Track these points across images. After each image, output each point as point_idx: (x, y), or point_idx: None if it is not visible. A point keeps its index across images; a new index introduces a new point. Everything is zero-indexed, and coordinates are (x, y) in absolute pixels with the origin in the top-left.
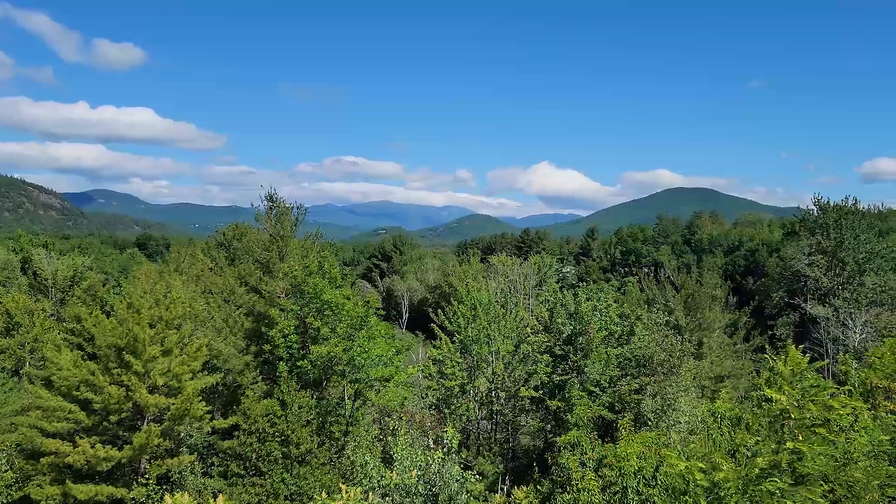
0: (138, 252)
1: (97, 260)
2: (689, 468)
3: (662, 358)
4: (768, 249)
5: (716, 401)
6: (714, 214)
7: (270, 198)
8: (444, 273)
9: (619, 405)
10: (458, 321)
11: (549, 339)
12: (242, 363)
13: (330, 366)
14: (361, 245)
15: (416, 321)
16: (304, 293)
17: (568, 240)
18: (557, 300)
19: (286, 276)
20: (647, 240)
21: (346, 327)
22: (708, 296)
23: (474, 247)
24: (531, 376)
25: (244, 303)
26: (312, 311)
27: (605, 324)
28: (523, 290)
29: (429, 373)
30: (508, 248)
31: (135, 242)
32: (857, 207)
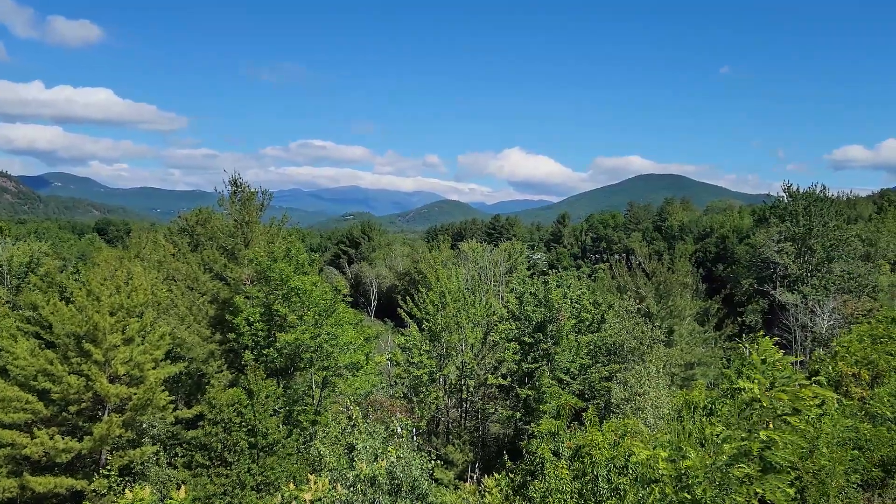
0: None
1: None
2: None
3: (633, 345)
4: (738, 236)
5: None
6: (685, 201)
7: (235, 182)
8: (414, 260)
9: (589, 393)
10: (428, 309)
11: (518, 326)
12: (207, 352)
13: (297, 354)
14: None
15: (385, 309)
16: (269, 280)
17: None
18: (526, 288)
19: (251, 262)
20: (619, 226)
21: (314, 314)
22: (679, 283)
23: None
24: (501, 364)
25: (208, 290)
26: (279, 298)
27: (575, 311)
28: (493, 277)
29: (397, 360)
30: (479, 234)
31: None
32: (825, 194)
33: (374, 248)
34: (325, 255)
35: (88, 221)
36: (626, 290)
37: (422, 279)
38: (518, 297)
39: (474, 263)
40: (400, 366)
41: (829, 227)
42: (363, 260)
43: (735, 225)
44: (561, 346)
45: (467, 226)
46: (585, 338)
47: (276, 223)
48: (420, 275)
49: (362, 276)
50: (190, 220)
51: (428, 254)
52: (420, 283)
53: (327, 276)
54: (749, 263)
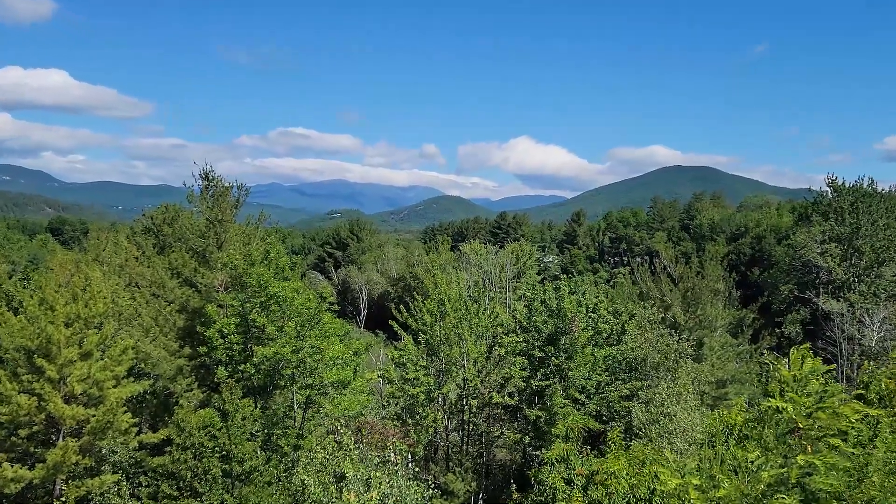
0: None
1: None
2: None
3: (657, 360)
4: (776, 236)
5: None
6: (716, 196)
7: (206, 175)
8: (409, 263)
9: (607, 414)
10: (424, 319)
11: (527, 339)
12: (175, 368)
13: (277, 370)
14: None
15: (377, 318)
16: (246, 286)
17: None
18: (536, 295)
19: (225, 266)
20: (641, 225)
21: (296, 325)
22: (709, 289)
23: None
24: (507, 382)
25: (176, 298)
26: (256, 306)
27: (592, 322)
28: (499, 282)
29: (390, 377)
30: (482, 234)
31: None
32: (875, 189)
33: (364, 251)
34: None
35: (41, 220)
36: (650, 297)
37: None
38: (527, 306)
39: (477, 267)
40: (393, 383)
41: (878, 226)
42: (351, 263)
43: (772, 223)
44: (575, 361)
45: (469, 225)
46: (603, 351)
47: (254, 222)
48: (416, 280)
49: (350, 281)
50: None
51: (425, 256)
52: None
53: (311, 281)
54: (788, 267)
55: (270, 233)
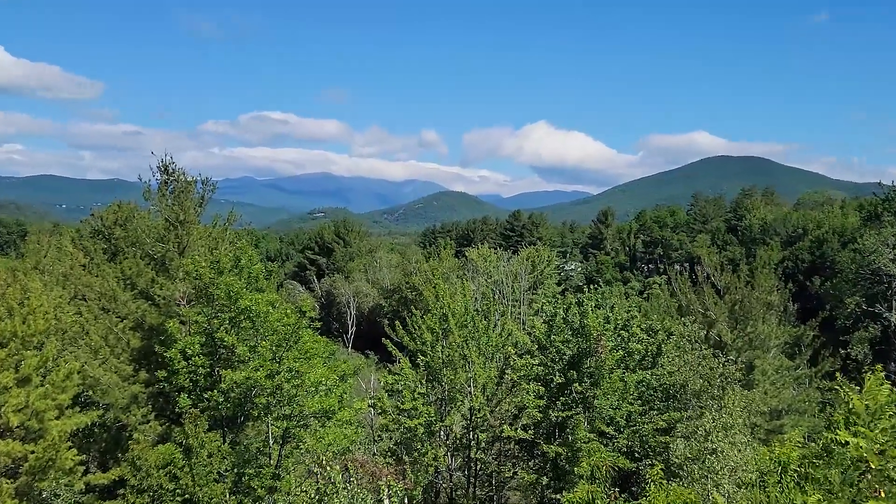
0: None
1: None
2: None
3: (699, 387)
4: (841, 240)
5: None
6: (768, 192)
7: (165, 168)
8: (405, 272)
9: (640, 450)
10: (424, 337)
11: (545, 361)
12: (128, 395)
13: (249, 398)
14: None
15: (367, 337)
16: (212, 299)
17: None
18: (558, 309)
19: (188, 275)
20: (679, 226)
21: (272, 345)
22: (761, 302)
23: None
24: (522, 412)
25: (130, 313)
26: (225, 322)
27: (622, 341)
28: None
29: (383, 407)
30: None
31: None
32: None
33: (352, 257)
34: (287, 266)
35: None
36: (690, 312)
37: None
38: (547, 322)
39: (486, 276)
40: (387, 414)
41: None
42: (337, 272)
43: (836, 224)
44: (602, 388)
45: (477, 226)
46: (635, 376)
47: (222, 223)
48: (414, 292)
49: (336, 293)
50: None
51: (424, 264)
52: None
53: (289, 293)
54: (855, 276)
55: (242, 236)
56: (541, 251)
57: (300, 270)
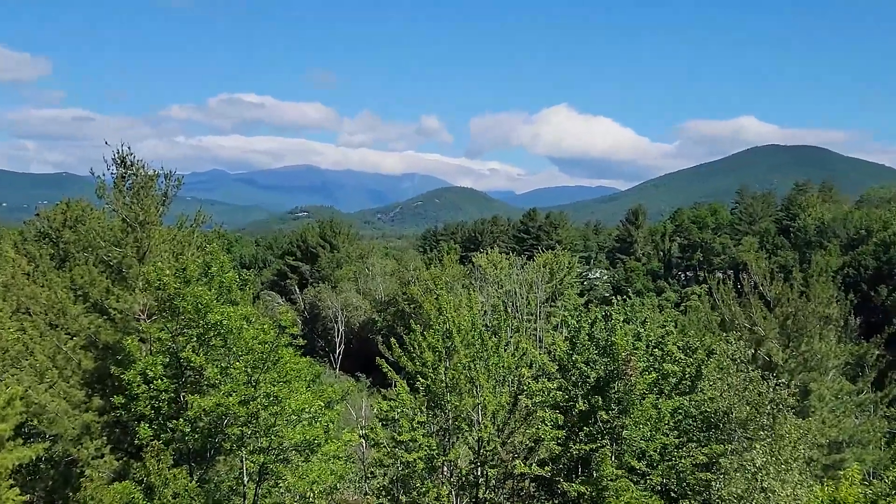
0: None
1: None
2: None
3: (746, 415)
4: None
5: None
6: (827, 187)
7: (122, 160)
8: (402, 280)
9: (676, 489)
10: (424, 357)
11: (565, 385)
12: (80, 425)
13: (220, 428)
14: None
15: (357, 357)
16: (178, 312)
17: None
18: (581, 324)
19: (149, 285)
20: (722, 227)
21: (246, 366)
22: (817, 316)
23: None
24: (538, 445)
25: (82, 329)
26: (192, 340)
27: (655, 361)
28: (527, 307)
29: (376, 438)
30: (504, 240)
31: None
32: None
33: (340, 263)
34: (265, 274)
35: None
36: (735, 327)
37: (415, 311)
38: (569, 339)
39: (497, 286)
40: (381, 446)
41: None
42: (323, 281)
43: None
44: (632, 416)
45: (486, 227)
46: (670, 403)
47: (188, 224)
48: (412, 304)
49: (321, 306)
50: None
51: (424, 271)
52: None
53: (267, 305)
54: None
55: (212, 239)
56: (560, 257)
57: (279, 279)
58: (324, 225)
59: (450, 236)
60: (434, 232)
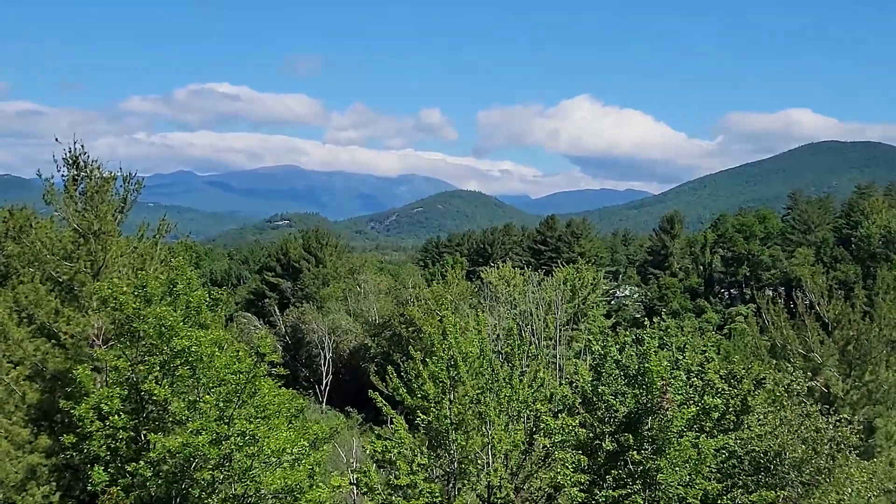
0: None
1: None
2: None
3: (801, 455)
4: None
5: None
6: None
7: (75, 161)
8: (400, 300)
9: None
10: (426, 390)
11: (590, 420)
12: (24, 468)
13: (188, 472)
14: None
15: (348, 389)
16: (138, 337)
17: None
18: (608, 350)
19: (105, 305)
20: (772, 236)
21: (218, 399)
22: (884, 341)
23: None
24: (558, 491)
25: (27, 356)
26: (154, 369)
27: (694, 393)
28: (544, 330)
29: (370, 484)
30: (518, 252)
31: None
32: None
33: (327, 280)
34: (239, 292)
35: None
36: (788, 353)
37: (414, 336)
38: (594, 368)
39: (510, 306)
40: (375, 493)
41: None
42: (307, 300)
43: None
44: (668, 457)
45: (497, 237)
46: (713, 442)
47: (151, 234)
48: (410, 328)
49: (305, 329)
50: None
51: (425, 289)
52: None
53: (242, 329)
54: None
55: (178, 251)
56: (583, 272)
57: (257, 298)
58: (308, 235)
59: (455, 248)
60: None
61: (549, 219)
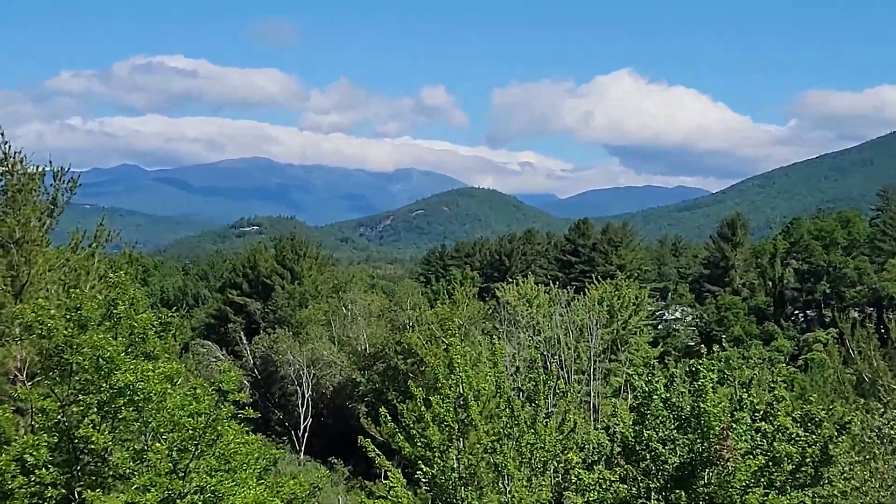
0: None
1: None
2: None
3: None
4: None
5: None
6: None
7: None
8: (396, 325)
9: None
10: (428, 436)
11: (633, 474)
12: None
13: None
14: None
15: (331, 434)
16: (71, 371)
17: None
18: (654, 386)
19: (30, 331)
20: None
21: (171, 448)
22: None
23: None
24: None
25: None
26: (91, 411)
27: (762, 440)
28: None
29: None
30: (542, 264)
31: None
32: None
33: (305, 300)
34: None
35: None
36: (879, 390)
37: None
38: (637, 408)
39: (532, 331)
40: None
41: None
42: (280, 325)
43: None
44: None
45: (515, 246)
46: (785, 499)
47: (87, 244)
48: (409, 360)
49: (279, 360)
50: None
51: (427, 310)
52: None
53: (201, 361)
54: None
55: (120, 265)
56: (624, 289)
57: (219, 322)
58: (282, 244)
59: (464, 260)
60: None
61: (581, 223)
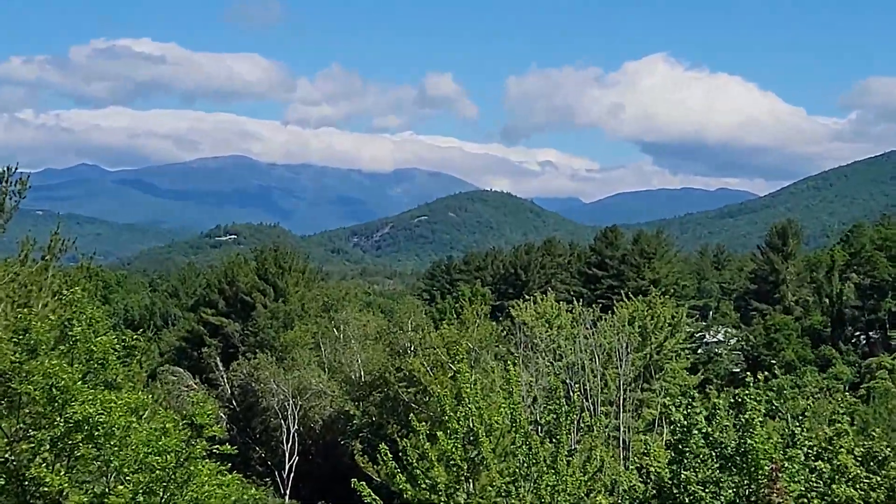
0: None
1: None
2: None
3: None
4: None
5: None
6: None
7: None
8: (395, 348)
9: None
10: (433, 476)
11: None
12: None
13: None
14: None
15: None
16: (19, 403)
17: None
18: (695, 418)
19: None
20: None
21: (137, 490)
22: None
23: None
24: None
25: None
26: (43, 448)
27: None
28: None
29: None
30: (563, 279)
31: None
32: None
33: (291, 320)
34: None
35: None
36: None
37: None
38: (674, 445)
39: (552, 355)
40: None
41: None
42: (262, 349)
43: None
44: None
45: (534, 258)
46: None
47: (38, 256)
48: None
49: (261, 391)
50: None
51: (432, 332)
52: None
53: (171, 390)
54: None
55: (76, 280)
56: (658, 307)
57: (191, 346)
58: (264, 256)
59: (474, 274)
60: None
61: (609, 231)
